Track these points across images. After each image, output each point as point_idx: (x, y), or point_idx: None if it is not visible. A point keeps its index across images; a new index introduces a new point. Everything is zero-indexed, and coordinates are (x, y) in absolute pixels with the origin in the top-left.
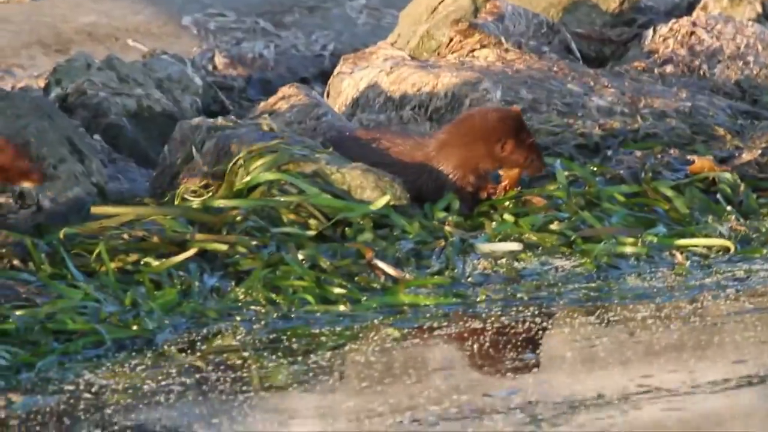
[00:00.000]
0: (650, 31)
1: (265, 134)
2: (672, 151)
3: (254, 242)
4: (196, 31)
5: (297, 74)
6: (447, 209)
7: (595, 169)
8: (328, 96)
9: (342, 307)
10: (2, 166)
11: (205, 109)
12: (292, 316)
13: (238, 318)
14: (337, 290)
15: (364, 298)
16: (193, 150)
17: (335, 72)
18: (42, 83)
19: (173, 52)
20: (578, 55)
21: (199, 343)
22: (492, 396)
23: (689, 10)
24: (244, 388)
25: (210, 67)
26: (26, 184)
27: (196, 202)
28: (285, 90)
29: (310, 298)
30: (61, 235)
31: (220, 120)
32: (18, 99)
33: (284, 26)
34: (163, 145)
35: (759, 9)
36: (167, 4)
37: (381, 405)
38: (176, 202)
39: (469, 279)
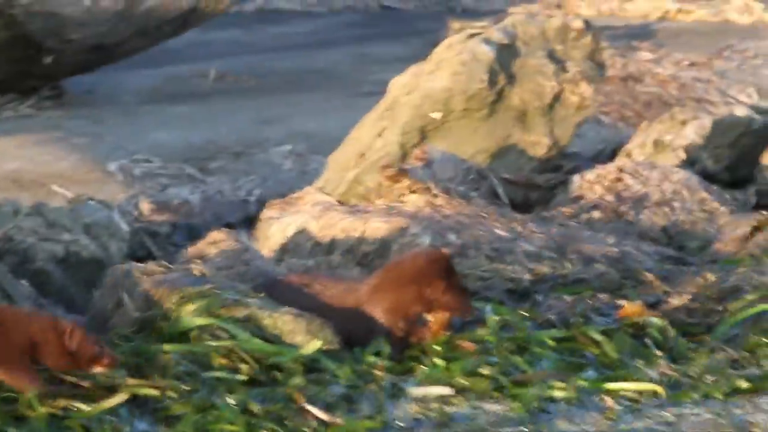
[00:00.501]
0: (577, 177)
1: (197, 279)
2: (601, 296)
3: (185, 387)
4: (122, 177)
5: (223, 219)
6: (377, 354)
7: (525, 314)
8: (256, 241)
9: None
10: (73, 353)
11: (132, 254)
12: None
13: None
14: None
15: None
16: (124, 295)
17: (263, 217)
18: None
19: (99, 198)
20: (506, 200)
21: None
22: None
23: (612, 156)
24: None
25: (136, 213)
26: (98, 369)
27: (127, 348)
28: (213, 235)
29: None
30: None
31: (151, 265)
32: None
33: (210, 172)
34: (91, 291)
35: (683, 156)
36: (93, 151)
37: None
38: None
39: (400, 424)
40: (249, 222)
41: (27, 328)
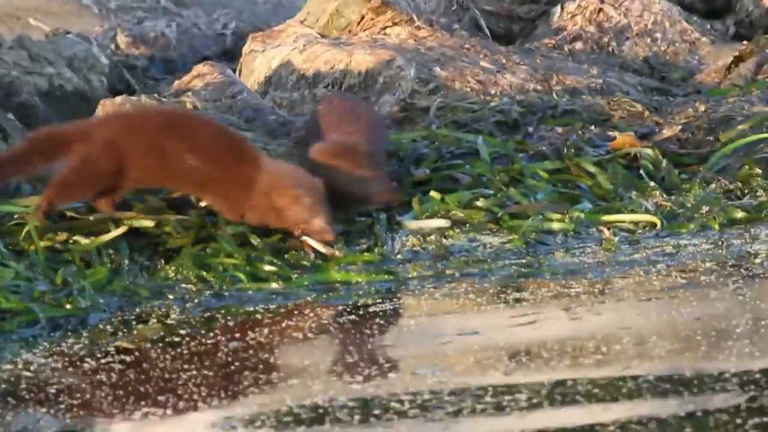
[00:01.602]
0: (558, 8)
1: (191, 112)
2: (592, 128)
3: (183, 219)
4: (97, 10)
5: (199, 53)
6: None
7: (517, 145)
8: (240, 74)
9: (274, 285)
10: None
11: (111, 88)
12: (225, 294)
13: (170, 296)
14: (268, 268)
15: (295, 275)
16: None
17: (246, 50)
18: None
19: (76, 32)
20: (487, 32)
21: (134, 322)
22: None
23: None
24: (185, 366)
25: (113, 47)
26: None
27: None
28: (199, 68)
29: (241, 275)
30: None
31: (143, 98)
32: None
33: (185, 5)
34: None
35: None
36: None
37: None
38: None
39: (399, 256)
40: (226, 56)
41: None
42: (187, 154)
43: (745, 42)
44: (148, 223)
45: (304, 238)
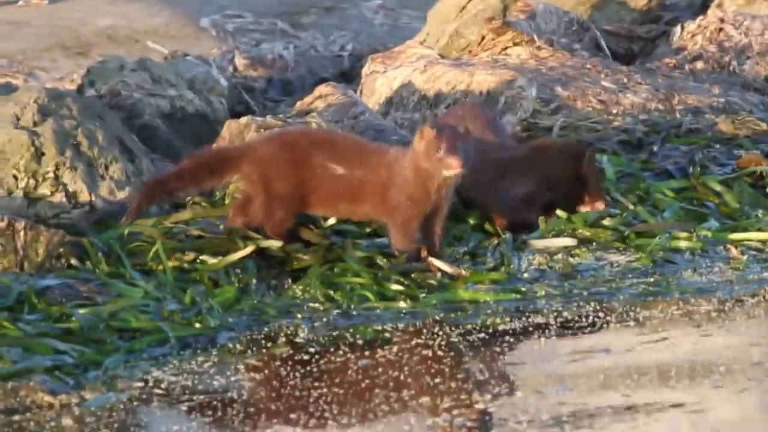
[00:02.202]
0: (678, 28)
1: None
2: (717, 146)
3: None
4: (214, 33)
5: (317, 75)
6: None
7: (641, 164)
8: (360, 94)
9: (402, 304)
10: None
11: (231, 109)
12: (353, 313)
13: (298, 315)
14: (395, 287)
15: (423, 295)
16: None
17: (367, 71)
18: (67, 85)
19: (194, 54)
20: (608, 52)
21: (263, 341)
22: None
23: (702, 8)
24: (316, 384)
25: (231, 69)
26: (444, 171)
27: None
28: (321, 89)
29: (369, 294)
30: (124, 234)
31: (269, 119)
32: (69, 99)
33: (302, 27)
34: (196, 146)
35: None
36: (184, 6)
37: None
38: (227, 201)
39: (525, 275)
40: (343, 77)
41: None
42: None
43: None
44: (276, 244)
45: (431, 259)
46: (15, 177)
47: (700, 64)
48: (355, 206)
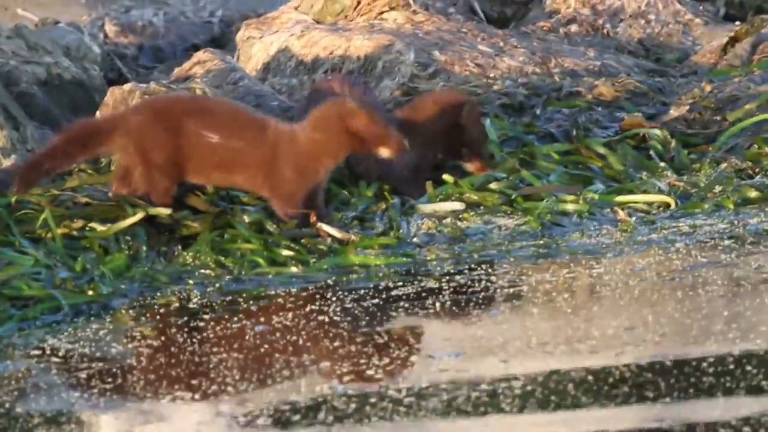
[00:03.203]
0: None
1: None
2: (599, 109)
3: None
4: (83, 0)
5: (188, 41)
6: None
7: (525, 128)
8: (237, 60)
9: (293, 269)
10: (360, 133)
11: (104, 77)
12: (244, 278)
13: (190, 281)
14: (286, 252)
15: (313, 260)
16: None
17: (242, 36)
18: None
19: (64, 21)
20: (482, 16)
21: (156, 307)
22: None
23: None
24: (214, 349)
25: (101, 36)
26: (384, 152)
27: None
28: (200, 55)
29: (260, 260)
30: (12, 201)
31: (153, 85)
32: None
33: None
34: (75, 113)
35: None
36: None
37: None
38: (113, 168)
39: (415, 239)
40: (214, 43)
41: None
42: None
43: (738, 22)
44: (165, 212)
45: (320, 224)
46: None
47: (574, 27)
48: (230, 176)
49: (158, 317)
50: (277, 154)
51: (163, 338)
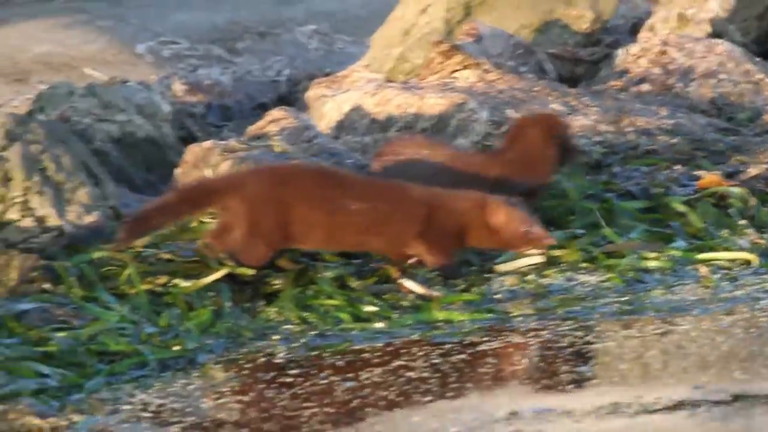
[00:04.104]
0: (621, 51)
1: (279, 155)
2: (677, 167)
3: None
4: (151, 59)
5: (255, 99)
6: None
7: (603, 186)
8: (308, 119)
9: (378, 324)
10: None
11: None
12: (329, 334)
13: (274, 337)
14: (369, 308)
15: (396, 315)
16: (208, 173)
17: (313, 95)
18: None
19: (132, 81)
20: (554, 75)
21: (242, 362)
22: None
23: (633, 31)
24: (305, 404)
25: (169, 95)
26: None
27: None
28: (274, 113)
29: (344, 316)
30: (94, 257)
31: (233, 142)
32: (34, 124)
33: (237, 52)
34: (148, 170)
35: (707, 29)
36: (119, 33)
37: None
38: (194, 225)
39: (497, 296)
40: (281, 101)
41: (455, 206)
42: (348, 200)
43: None
44: (249, 271)
45: (402, 280)
46: None
47: (645, 87)
48: (369, 240)
49: (246, 372)
50: (429, 218)
51: (252, 393)
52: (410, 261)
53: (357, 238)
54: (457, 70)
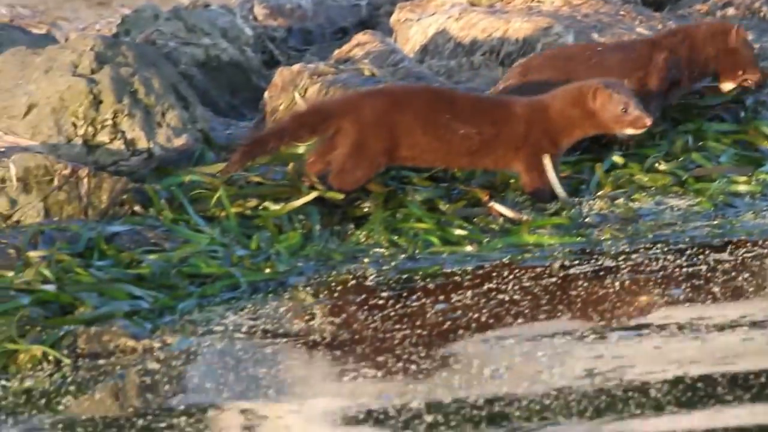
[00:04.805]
0: None
1: (368, 79)
2: (766, 91)
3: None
4: None
5: (336, 24)
6: None
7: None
8: (394, 42)
9: (468, 248)
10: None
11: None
12: (419, 257)
13: (365, 260)
14: (459, 232)
15: (486, 239)
16: (297, 96)
17: (398, 19)
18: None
19: (215, 4)
20: None
21: (333, 284)
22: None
23: None
24: (396, 326)
25: (250, 18)
26: (629, 131)
27: (304, 148)
28: (359, 37)
29: (434, 239)
30: (184, 180)
31: (322, 65)
32: (124, 47)
33: None
34: (232, 95)
35: None
36: None
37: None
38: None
39: (587, 219)
40: (362, 26)
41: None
42: (457, 123)
43: None
44: (339, 195)
45: (492, 203)
46: (74, 125)
47: (730, 10)
48: (479, 159)
49: (336, 295)
50: (530, 130)
51: (344, 315)
52: None
53: (467, 159)
54: None
